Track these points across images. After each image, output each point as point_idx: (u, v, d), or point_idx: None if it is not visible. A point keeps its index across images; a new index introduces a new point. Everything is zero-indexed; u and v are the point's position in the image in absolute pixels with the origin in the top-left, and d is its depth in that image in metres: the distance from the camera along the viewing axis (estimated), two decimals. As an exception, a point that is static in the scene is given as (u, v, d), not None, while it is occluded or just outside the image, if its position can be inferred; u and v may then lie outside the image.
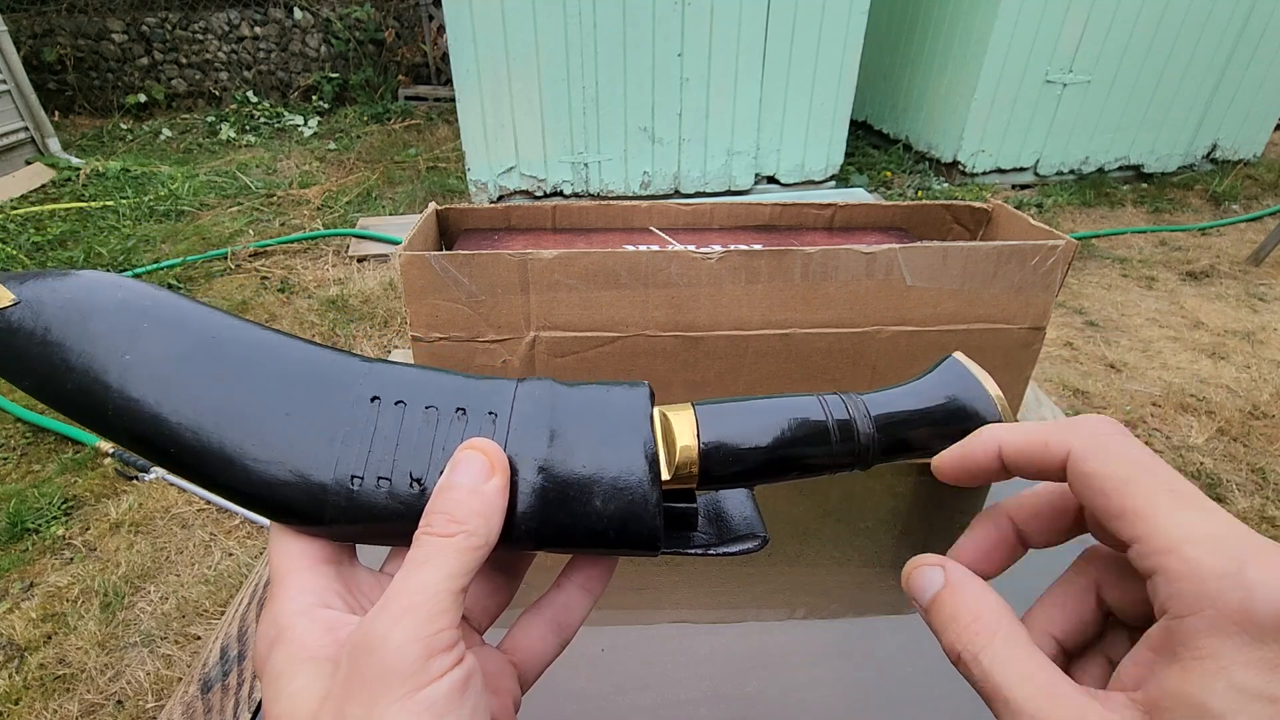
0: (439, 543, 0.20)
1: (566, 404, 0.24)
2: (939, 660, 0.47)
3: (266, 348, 0.24)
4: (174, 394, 0.22)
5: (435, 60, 5.31)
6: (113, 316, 0.22)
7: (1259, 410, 1.95)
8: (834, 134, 3.44)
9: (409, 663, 0.18)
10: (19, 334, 0.22)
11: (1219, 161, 3.76)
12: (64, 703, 1.24)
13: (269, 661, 0.20)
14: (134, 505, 1.65)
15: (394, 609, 0.19)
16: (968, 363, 0.26)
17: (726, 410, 0.24)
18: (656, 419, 0.24)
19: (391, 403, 0.23)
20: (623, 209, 0.63)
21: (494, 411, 0.24)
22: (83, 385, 0.22)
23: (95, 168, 3.81)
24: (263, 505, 0.22)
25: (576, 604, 0.26)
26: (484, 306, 0.48)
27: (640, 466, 0.23)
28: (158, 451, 0.22)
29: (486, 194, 3.35)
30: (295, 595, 0.21)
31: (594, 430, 0.24)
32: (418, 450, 0.23)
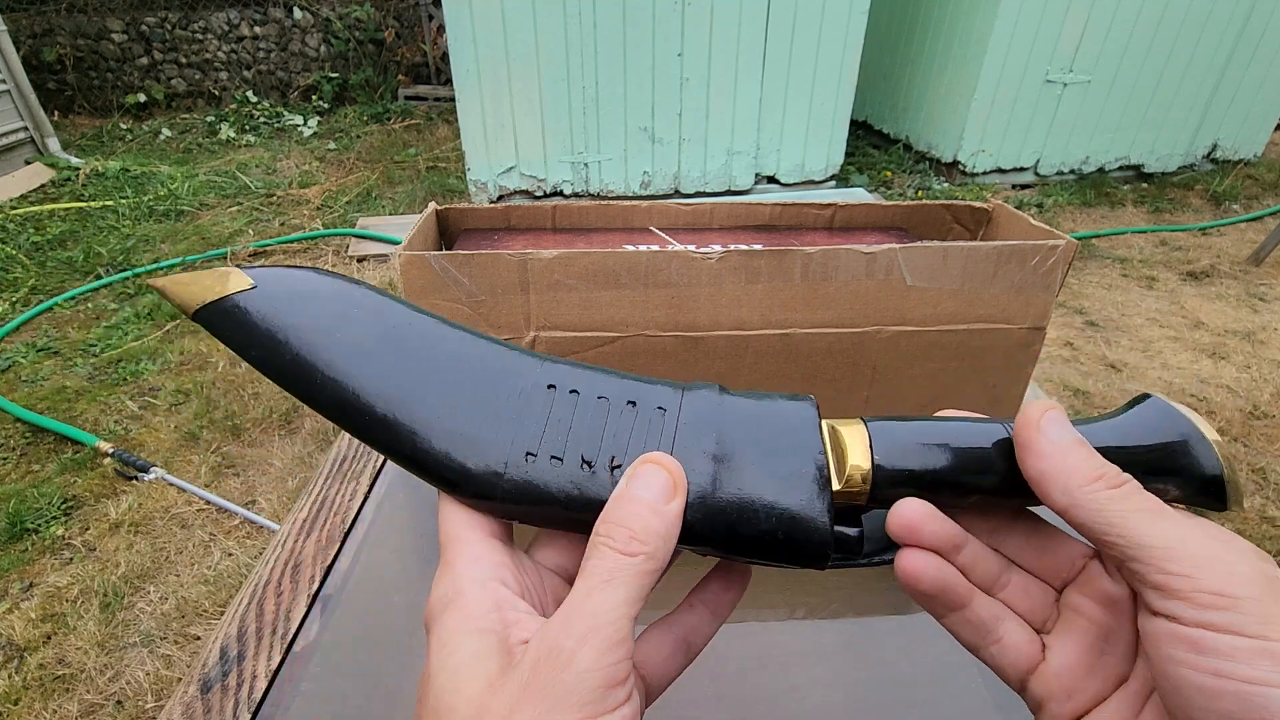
0: (622, 560, 0.20)
1: (733, 408, 0.25)
2: (939, 660, 0.47)
3: (452, 337, 0.26)
4: (372, 369, 0.24)
5: (435, 60, 5.31)
6: (327, 302, 0.25)
7: (1259, 410, 1.95)
8: (834, 134, 3.44)
9: (591, 689, 0.18)
10: (253, 313, 0.25)
11: (1219, 161, 3.76)
12: (63, 703, 1.24)
13: (440, 622, 0.21)
14: (134, 505, 1.65)
15: (579, 627, 0.19)
16: (1174, 404, 0.24)
17: (902, 428, 0.24)
18: (825, 431, 0.24)
19: (566, 391, 0.25)
20: (623, 209, 0.63)
21: (663, 407, 0.24)
22: (298, 358, 0.24)
23: (95, 167, 3.81)
24: (442, 477, 0.24)
25: (705, 626, 0.26)
26: (484, 306, 0.48)
27: (811, 471, 0.23)
28: (354, 421, 0.24)
29: (486, 194, 3.35)
30: (472, 563, 0.22)
31: (764, 437, 0.24)
32: (589, 434, 0.23)
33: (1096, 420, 0.24)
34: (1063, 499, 0.21)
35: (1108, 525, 0.20)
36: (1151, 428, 0.23)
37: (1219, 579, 0.18)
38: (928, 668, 0.44)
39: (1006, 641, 0.24)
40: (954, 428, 0.24)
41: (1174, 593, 0.18)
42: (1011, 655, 0.24)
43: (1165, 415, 0.23)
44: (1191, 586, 0.18)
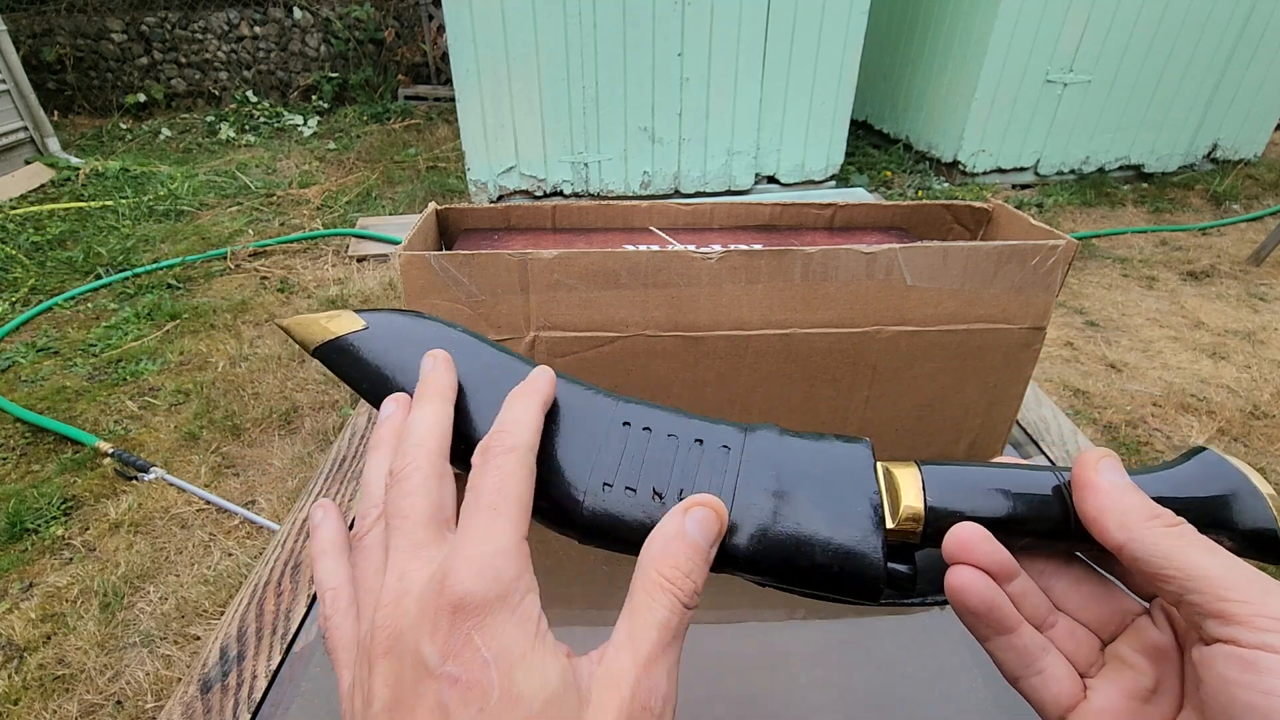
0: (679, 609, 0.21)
1: (792, 447, 0.26)
2: (939, 660, 0.47)
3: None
4: (469, 404, 0.27)
5: (435, 60, 5.31)
6: (430, 344, 0.28)
7: (1259, 410, 1.95)
8: (834, 134, 3.44)
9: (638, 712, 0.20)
10: (364, 351, 0.29)
11: (1219, 161, 3.76)
12: (63, 703, 1.24)
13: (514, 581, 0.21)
14: (133, 505, 1.65)
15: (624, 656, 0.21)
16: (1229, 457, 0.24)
17: (953, 473, 0.25)
18: (880, 472, 0.25)
19: (640, 428, 0.27)
20: (623, 209, 0.63)
21: (727, 445, 0.26)
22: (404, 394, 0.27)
23: (94, 167, 3.81)
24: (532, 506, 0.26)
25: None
26: (484, 306, 0.47)
27: (866, 509, 0.24)
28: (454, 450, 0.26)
29: (486, 194, 3.35)
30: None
31: (821, 477, 0.25)
32: (660, 469, 0.26)
33: (1151, 470, 0.24)
34: (1120, 535, 0.22)
35: (1165, 559, 0.21)
36: (1204, 480, 0.24)
37: (1276, 604, 0.19)
38: (928, 668, 0.44)
39: (1049, 674, 0.24)
40: (1006, 473, 0.25)
41: (1232, 618, 0.19)
42: (1054, 689, 0.24)
43: (1218, 468, 0.24)
44: (1250, 611, 0.19)
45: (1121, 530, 0.22)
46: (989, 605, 0.24)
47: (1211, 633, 0.20)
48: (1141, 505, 0.22)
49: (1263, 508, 0.23)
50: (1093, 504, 0.22)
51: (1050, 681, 0.24)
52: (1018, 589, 0.24)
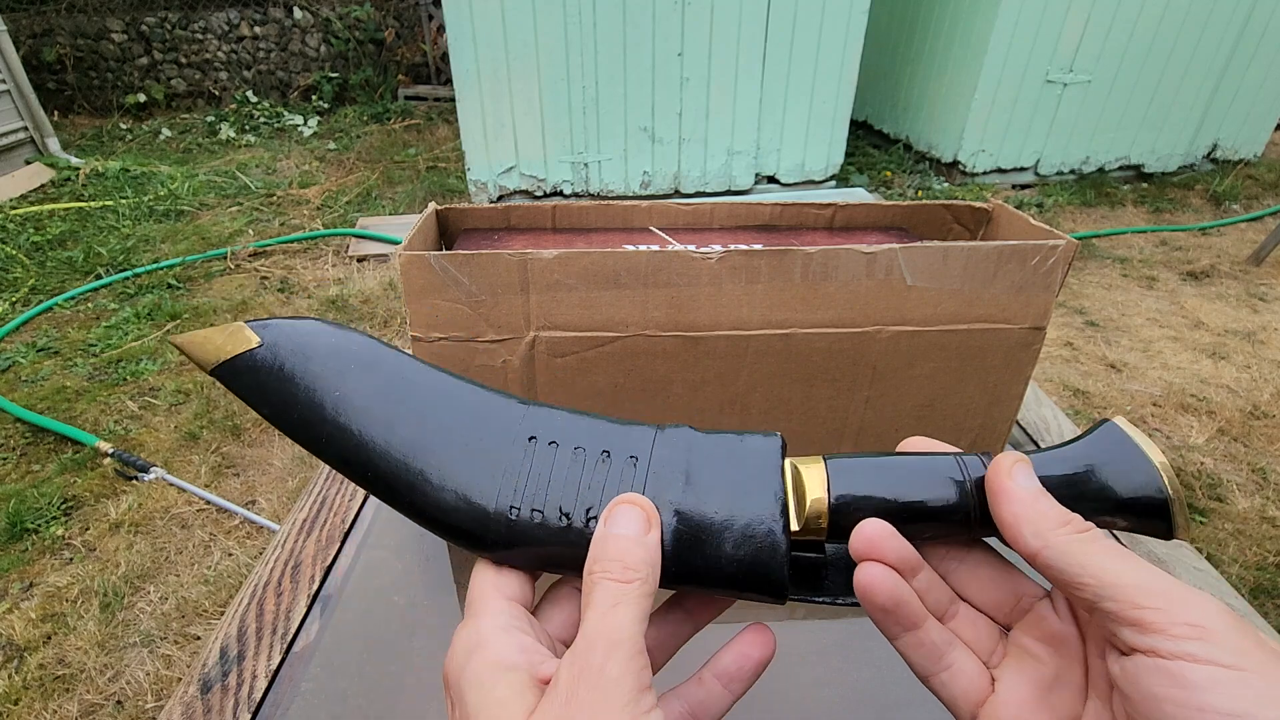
0: (624, 588, 0.22)
1: (701, 449, 0.26)
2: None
3: (444, 388, 0.28)
4: (371, 427, 0.26)
5: (435, 60, 5.31)
6: (327, 359, 0.27)
7: (1259, 410, 1.95)
8: (834, 134, 3.44)
9: (626, 694, 0.20)
10: (261, 371, 0.27)
11: (1219, 161, 3.76)
12: (63, 703, 1.24)
13: (466, 667, 0.22)
14: (133, 505, 1.65)
15: (603, 644, 0.21)
16: (1128, 428, 0.24)
17: (859, 466, 0.25)
18: (788, 470, 0.25)
19: (546, 443, 0.26)
20: (623, 209, 0.63)
21: (635, 455, 0.26)
22: (305, 416, 0.26)
23: (95, 167, 3.81)
24: (439, 527, 0.26)
25: (717, 701, 0.26)
26: (484, 306, 0.48)
27: (770, 516, 0.24)
28: (359, 474, 0.26)
29: (486, 194, 3.35)
30: (493, 615, 0.24)
31: (727, 478, 0.25)
32: (566, 488, 0.25)
33: (1054, 448, 0.25)
34: (1034, 542, 0.22)
35: (1080, 567, 0.20)
36: (1103, 456, 0.24)
37: (1192, 612, 0.18)
38: (928, 668, 0.44)
39: (957, 668, 0.24)
40: (910, 464, 0.25)
41: (1149, 626, 0.19)
42: (962, 683, 0.24)
43: (1117, 443, 0.24)
44: (1167, 620, 0.18)
45: (1035, 538, 0.21)
46: (896, 601, 0.24)
47: (1129, 641, 0.19)
48: (1053, 512, 0.22)
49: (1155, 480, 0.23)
50: (1007, 510, 0.22)
51: (958, 676, 0.24)
52: (922, 583, 0.25)
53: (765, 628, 0.26)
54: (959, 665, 0.24)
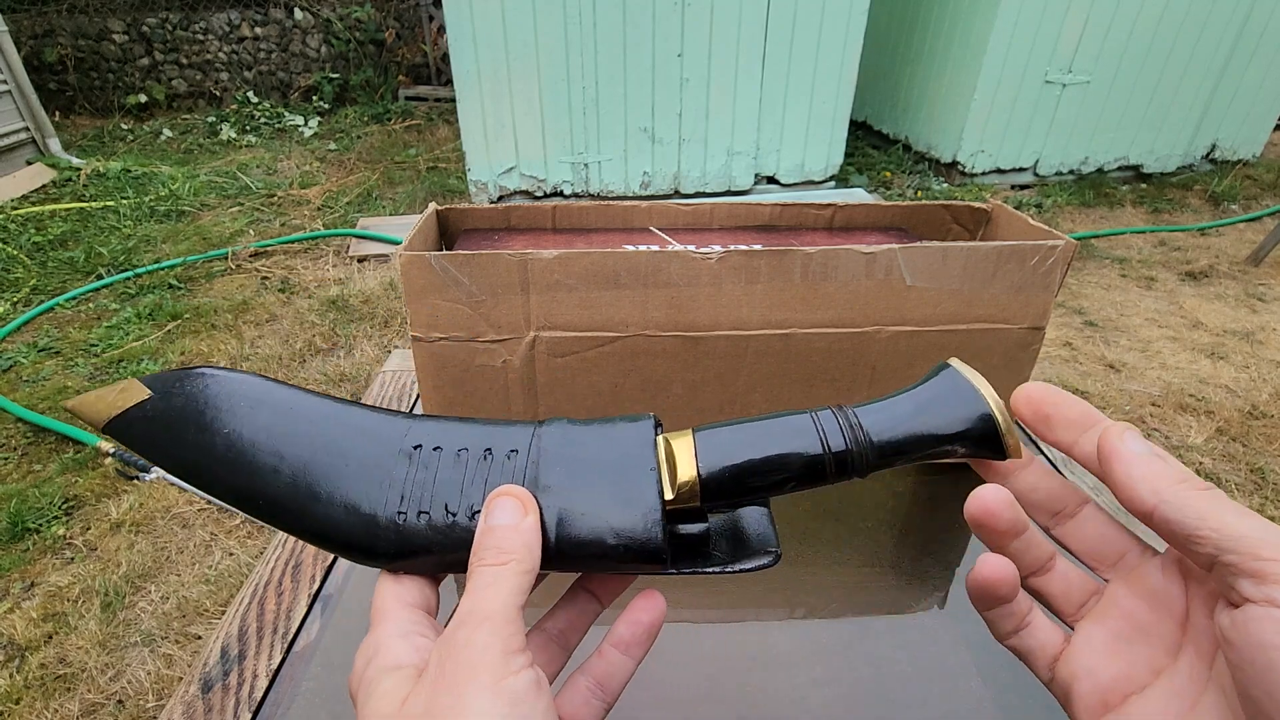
0: (497, 570, 0.23)
1: (578, 438, 0.27)
2: (938, 660, 0.47)
3: (331, 414, 0.29)
4: (260, 457, 0.27)
5: (435, 60, 5.31)
6: (217, 401, 0.28)
7: (1258, 410, 1.95)
8: (834, 134, 3.44)
9: (492, 657, 0.21)
10: (154, 422, 0.28)
11: (1218, 161, 3.76)
12: (64, 702, 1.24)
13: (364, 676, 0.23)
14: (134, 505, 1.65)
15: (471, 620, 0.22)
16: (965, 370, 0.26)
17: (724, 433, 0.26)
18: (660, 446, 0.27)
19: (430, 449, 0.27)
20: (623, 209, 0.63)
21: (515, 449, 0.27)
22: (198, 458, 0.27)
23: (96, 168, 3.81)
24: (332, 544, 0.27)
25: (620, 670, 0.28)
26: (484, 306, 0.48)
27: (645, 490, 0.25)
28: (253, 505, 0.27)
29: (486, 194, 3.35)
30: (393, 624, 0.24)
31: (602, 460, 0.26)
32: (450, 486, 0.26)
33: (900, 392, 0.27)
34: (1151, 499, 0.22)
35: (1199, 519, 0.21)
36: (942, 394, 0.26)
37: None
38: (926, 668, 0.45)
39: (1034, 625, 0.26)
40: (769, 425, 0.26)
41: (1270, 576, 0.19)
42: (1039, 637, 0.25)
43: (953, 381, 0.26)
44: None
45: (1153, 495, 0.22)
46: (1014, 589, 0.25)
47: (1245, 593, 0.20)
48: (1170, 470, 0.22)
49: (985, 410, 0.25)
50: (1121, 472, 0.23)
51: (1035, 631, 0.26)
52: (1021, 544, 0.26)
53: (654, 592, 0.28)
54: (1037, 621, 0.26)
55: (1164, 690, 0.22)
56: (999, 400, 0.25)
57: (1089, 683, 0.23)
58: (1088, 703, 0.23)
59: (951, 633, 0.47)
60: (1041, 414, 0.26)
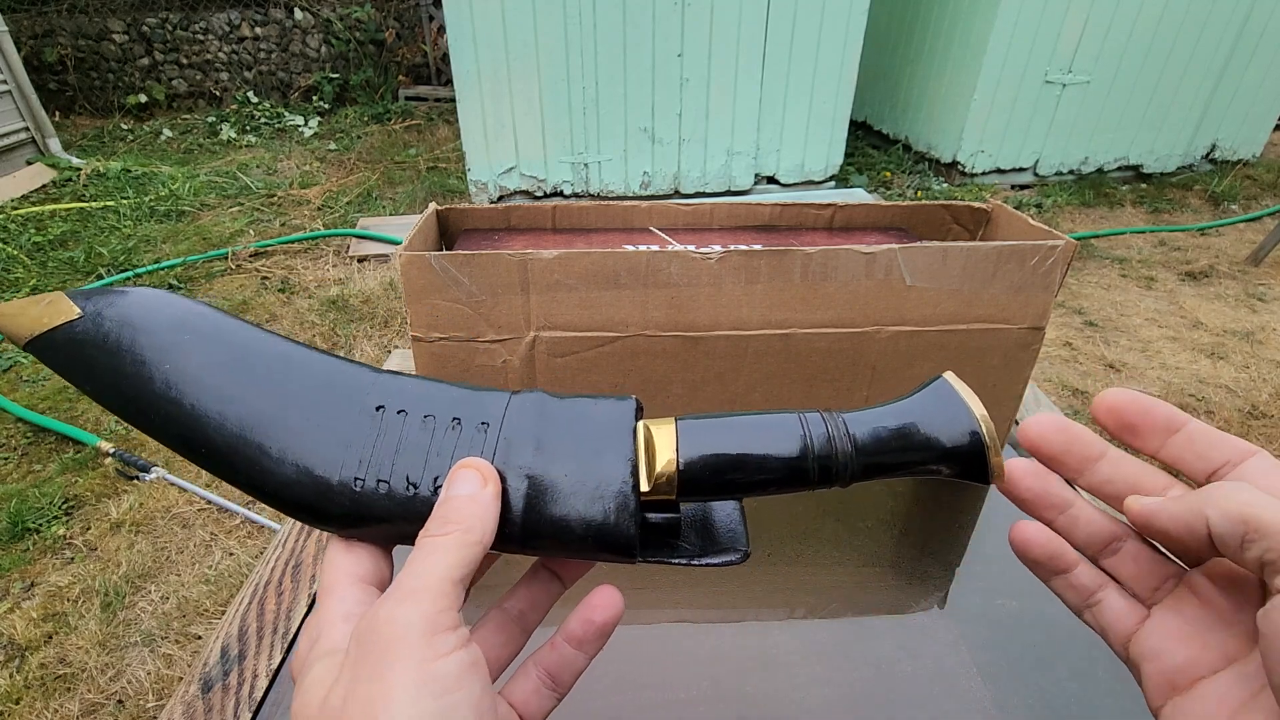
0: (437, 540, 0.22)
1: (554, 415, 0.26)
2: (938, 660, 0.47)
3: (289, 360, 0.26)
4: (205, 399, 0.24)
5: (435, 60, 5.31)
6: (160, 332, 0.25)
7: (1258, 410, 1.95)
8: (834, 134, 3.44)
9: (415, 638, 0.19)
10: (84, 345, 0.25)
11: (1218, 161, 3.76)
12: (64, 702, 1.24)
13: (306, 661, 0.22)
14: (134, 505, 1.65)
15: (396, 595, 0.20)
16: (956, 384, 0.25)
17: (707, 426, 0.25)
18: (640, 432, 0.25)
19: (394, 411, 0.25)
20: (623, 209, 0.63)
21: (486, 421, 0.25)
22: (133, 391, 0.25)
23: (96, 168, 3.81)
24: (279, 501, 0.25)
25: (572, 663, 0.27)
26: (484, 306, 0.48)
27: (619, 478, 0.24)
28: (193, 450, 0.25)
29: (486, 194, 3.35)
30: (336, 604, 0.23)
31: (578, 441, 0.25)
32: (414, 456, 0.24)
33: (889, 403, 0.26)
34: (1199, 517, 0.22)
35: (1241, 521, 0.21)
36: (926, 409, 0.25)
37: None
38: (926, 668, 0.45)
39: (1106, 604, 0.26)
40: (754, 422, 0.25)
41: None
42: (1109, 616, 0.25)
43: (944, 398, 0.25)
44: None
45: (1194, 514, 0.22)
46: (1050, 554, 0.26)
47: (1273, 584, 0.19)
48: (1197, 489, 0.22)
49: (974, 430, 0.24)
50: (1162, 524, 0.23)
51: (1106, 610, 0.25)
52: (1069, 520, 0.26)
53: (612, 589, 0.26)
54: (1108, 601, 0.26)
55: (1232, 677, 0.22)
56: (989, 419, 0.25)
57: (1157, 664, 0.23)
58: (1156, 683, 0.23)
59: (951, 633, 0.47)
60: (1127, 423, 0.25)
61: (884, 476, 0.25)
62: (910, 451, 0.24)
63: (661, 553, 0.26)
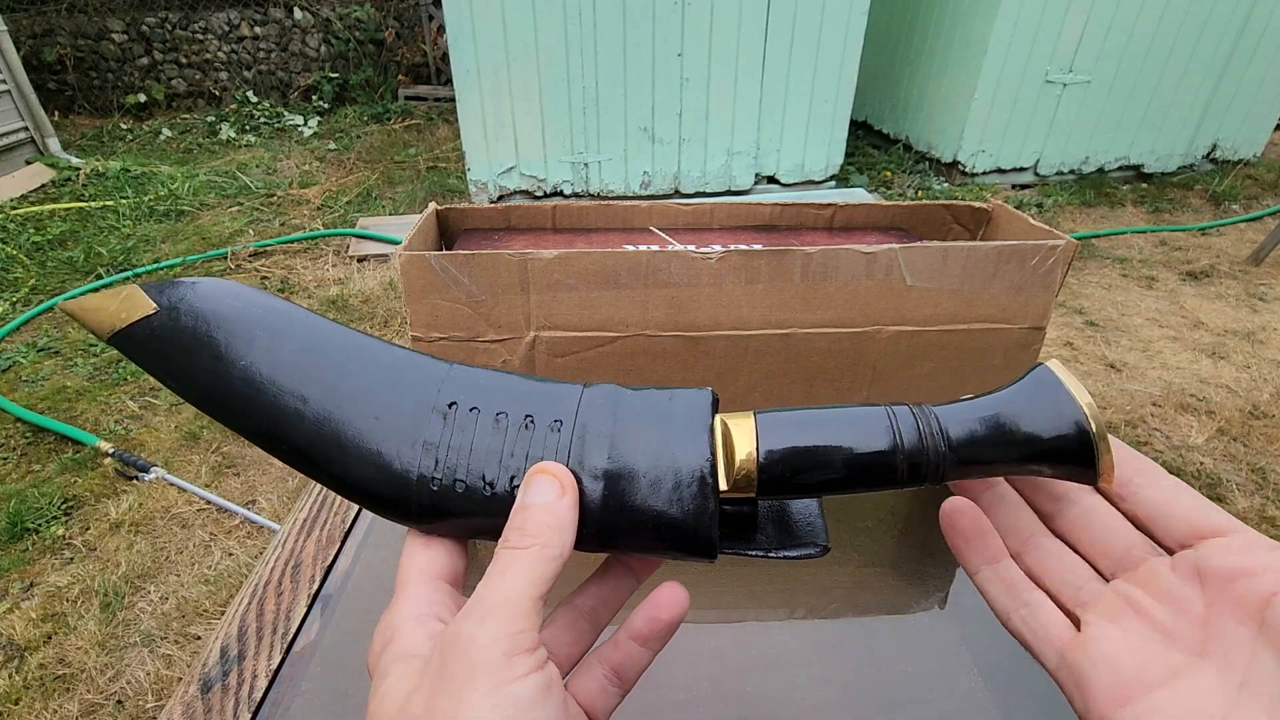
0: (517, 554, 0.22)
1: (629, 411, 0.25)
2: (938, 660, 0.47)
3: (360, 352, 0.26)
4: (282, 396, 0.25)
5: (435, 60, 5.31)
6: (232, 325, 0.25)
7: (1259, 410, 1.95)
8: (834, 134, 3.44)
9: (494, 659, 0.19)
10: (162, 341, 0.25)
11: (1219, 161, 3.76)
12: (64, 703, 1.24)
13: (380, 659, 0.22)
14: (134, 505, 1.65)
15: (478, 612, 0.21)
16: (1061, 373, 0.24)
17: (789, 421, 0.24)
18: (718, 427, 0.25)
19: (467, 409, 0.25)
20: (623, 209, 0.63)
21: (560, 419, 0.25)
22: (211, 388, 0.25)
23: (95, 168, 3.81)
24: (361, 497, 0.25)
25: (636, 659, 0.26)
26: (484, 306, 0.48)
27: (697, 476, 0.23)
28: (276, 448, 0.25)
29: (486, 194, 3.35)
30: (411, 603, 0.23)
31: (654, 438, 0.24)
32: (488, 456, 0.25)
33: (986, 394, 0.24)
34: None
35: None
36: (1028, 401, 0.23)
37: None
38: (927, 668, 0.44)
39: (1036, 606, 0.25)
40: (840, 415, 0.24)
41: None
42: (1041, 618, 0.25)
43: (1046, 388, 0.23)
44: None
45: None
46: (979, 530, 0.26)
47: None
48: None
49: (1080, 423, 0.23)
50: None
51: (1038, 612, 0.25)
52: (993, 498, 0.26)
53: (678, 586, 0.26)
54: (1038, 603, 0.25)
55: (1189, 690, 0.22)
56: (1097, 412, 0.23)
57: (1109, 674, 0.23)
58: (1108, 694, 0.23)
59: (951, 633, 0.47)
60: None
61: (979, 475, 0.24)
62: (1008, 448, 0.23)
63: (737, 544, 0.26)
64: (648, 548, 0.24)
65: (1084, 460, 0.23)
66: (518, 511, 0.23)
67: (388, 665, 0.21)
